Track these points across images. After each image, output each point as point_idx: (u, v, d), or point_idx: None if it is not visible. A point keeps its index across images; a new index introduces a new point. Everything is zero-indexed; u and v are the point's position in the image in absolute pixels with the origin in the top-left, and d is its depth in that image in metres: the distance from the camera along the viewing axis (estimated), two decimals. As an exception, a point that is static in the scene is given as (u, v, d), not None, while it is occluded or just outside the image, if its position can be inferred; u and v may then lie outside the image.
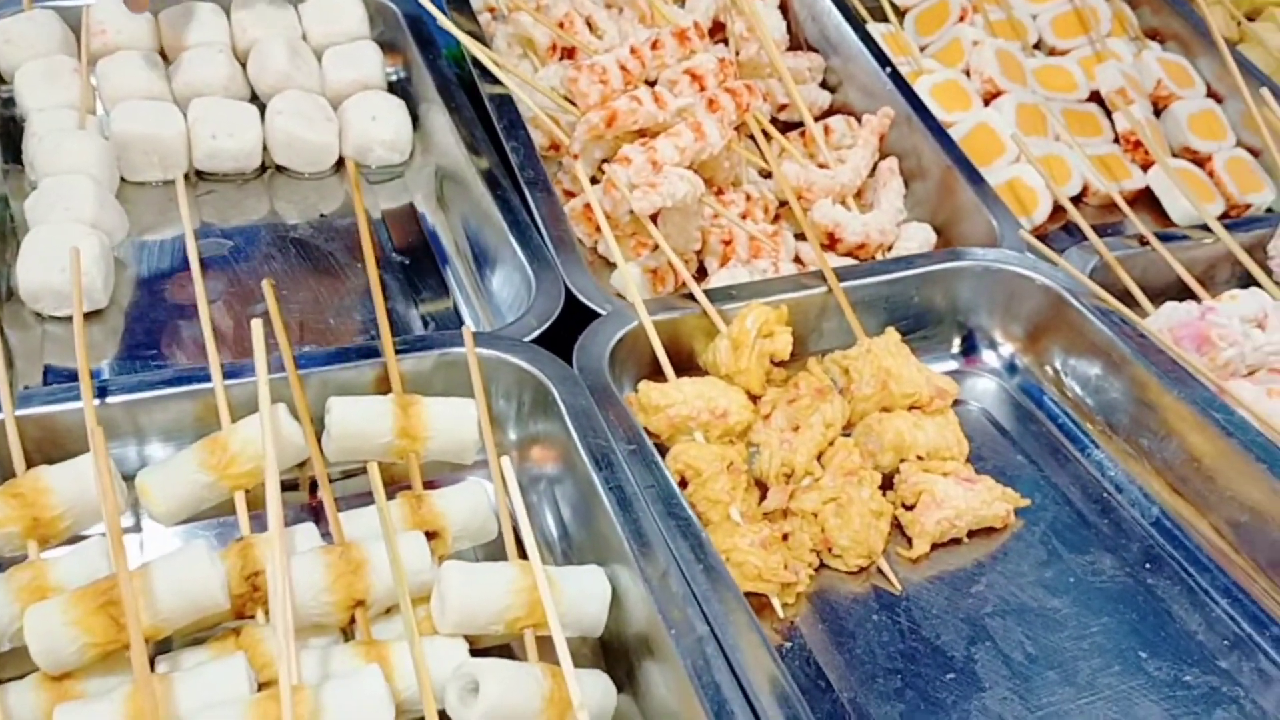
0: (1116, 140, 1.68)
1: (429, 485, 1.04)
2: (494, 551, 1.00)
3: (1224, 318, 1.22)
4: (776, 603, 1.01)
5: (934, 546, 1.09)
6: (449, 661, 0.86)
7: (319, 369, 1.05)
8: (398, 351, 1.07)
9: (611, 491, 0.96)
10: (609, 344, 1.14)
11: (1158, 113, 1.73)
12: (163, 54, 1.51)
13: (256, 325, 0.99)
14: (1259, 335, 1.25)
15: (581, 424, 1.03)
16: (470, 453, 1.03)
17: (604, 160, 1.36)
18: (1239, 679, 0.99)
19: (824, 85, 1.67)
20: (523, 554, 0.91)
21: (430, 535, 0.96)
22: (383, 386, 1.06)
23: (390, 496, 0.98)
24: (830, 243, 1.41)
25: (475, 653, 0.90)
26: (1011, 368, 1.31)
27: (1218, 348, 1.20)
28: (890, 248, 1.43)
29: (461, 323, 1.30)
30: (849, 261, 1.39)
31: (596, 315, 1.18)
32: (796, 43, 1.71)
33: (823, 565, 1.07)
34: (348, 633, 0.92)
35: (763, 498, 1.10)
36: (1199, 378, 1.16)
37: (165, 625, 0.86)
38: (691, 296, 1.20)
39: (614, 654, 0.94)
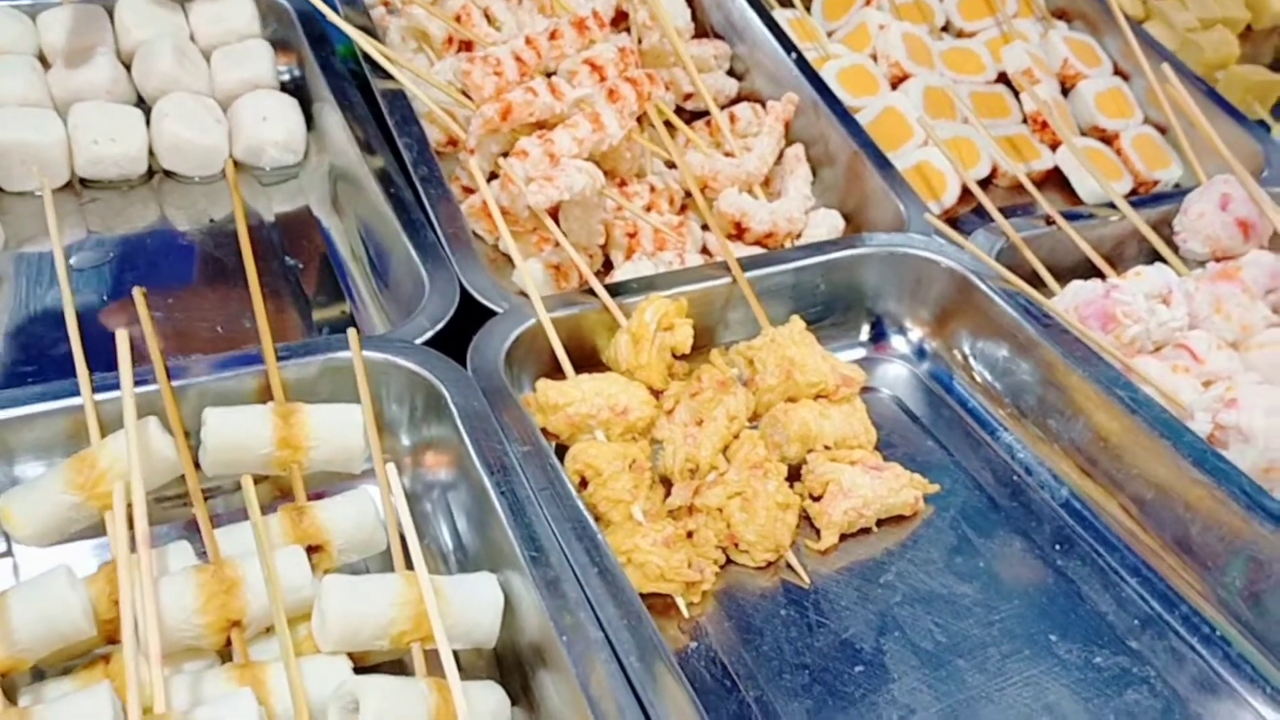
0: (1025, 121, 1.68)
1: (320, 496, 1.00)
2: (386, 563, 0.96)
3: (1128, 295, 1.21)
4: (681, 602, 0.98)
5: (843, 537, 1.07)
6: (331, 680, 0.82)
7: (196, 380, 1.01)
8: (280, 358, 1.03)
9: (504, 496, 0.93)
10: (505, 343, 1.10)
11: (1066, 92, 1.73)
12: (41, 58, 1.45)
13: (121, 336, 0.94)
14: (1164, 311, 1.24)
15: (474, 427, 0.99)
16: (357, 461, 0.99)
17: (503, 154, 1.33)
18: (1149, 659, 0.98)
19: (731, 73, 1.65)
20: (412, 565, 0.88)
21: (315, 549, 0.92)
22: (267, 396, 1.02)
23: (275, 510, 0.94)
24: (738, 232, 1.39)
25: (363, 670, 0.86)
26: (921, 353, 1.29)
27: (1123, 325, 1.20)
28: (799, 235, 1.41)
29: (357, 327, 1.25)
30: (757, 251, 1.37)
31: (495, 314, 1.14)
32: (702, 30, 1.68)
33: (730, 561, 1.04)
34: (226, 655, 0.87)
35: (668, 495, 1.07)
36: (1104, 356, 1.15)
37: (27, 655, 0.82)
38: (594, 291, 1.17)
39: (509, 665, 0.90)
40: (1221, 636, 1.00)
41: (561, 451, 1.07)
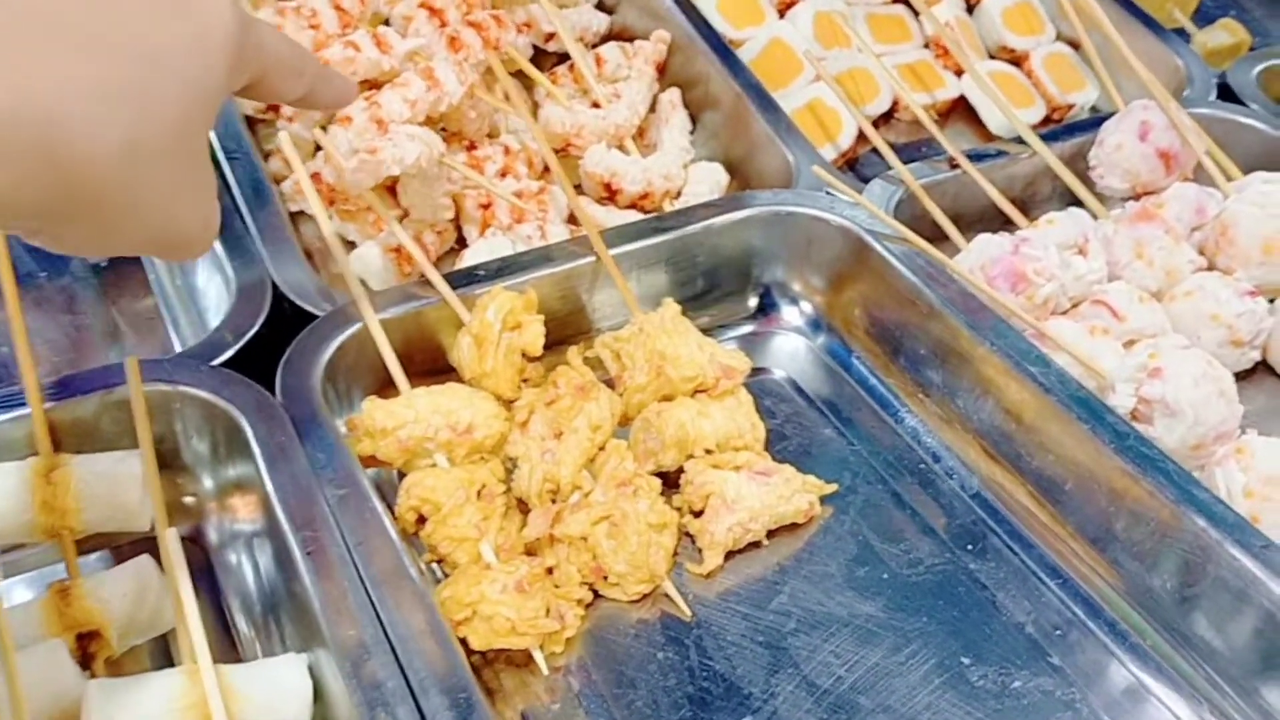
0: (928, 45, 1.53)
1: (120, 551, 0.85)
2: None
3: (1039, 249, 1.08)
4: (539, 656, 0.85)
5: (730, 554, 0.94)
6: (98, 811, 0.67)
7: (-60, 432, 0.84)
8: (49, 396, 0.86)
9: (309, 556, 0.78)
10: (324, 355, 0.94)
11: (971, 9, 1.58)
12: None
13: None
14: (1080, 263, 1.11)
15: (278, 470, 0.83)
16: (140, 519, 0.83)
17: (329, 120, 1.15)
18: (1072, 677, 0.87)
19: (601, 6, 1.47)
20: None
21: (90, 636, 0.77)
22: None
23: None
24: (609, 194, 1.23)
25: (151, 781, 0.71)
26: (816, 325, 1.15)
27: (1034, 285, 1.06)
28: (678, 194, 1.25)
29: (173, 342, 1.08)
30: (632, 216, 1.21)
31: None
32: (565, -41, 1.50)
33: (599, 596, 0.91)
34: (-20, 780, 0.72)
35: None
36: (1014, 323, 1.02)
37: None
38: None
39: (324, 763, 0.76)
40: (1152, 646, 0.89)
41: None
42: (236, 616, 0.87)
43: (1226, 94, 1.42)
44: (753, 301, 1.16)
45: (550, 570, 0.89)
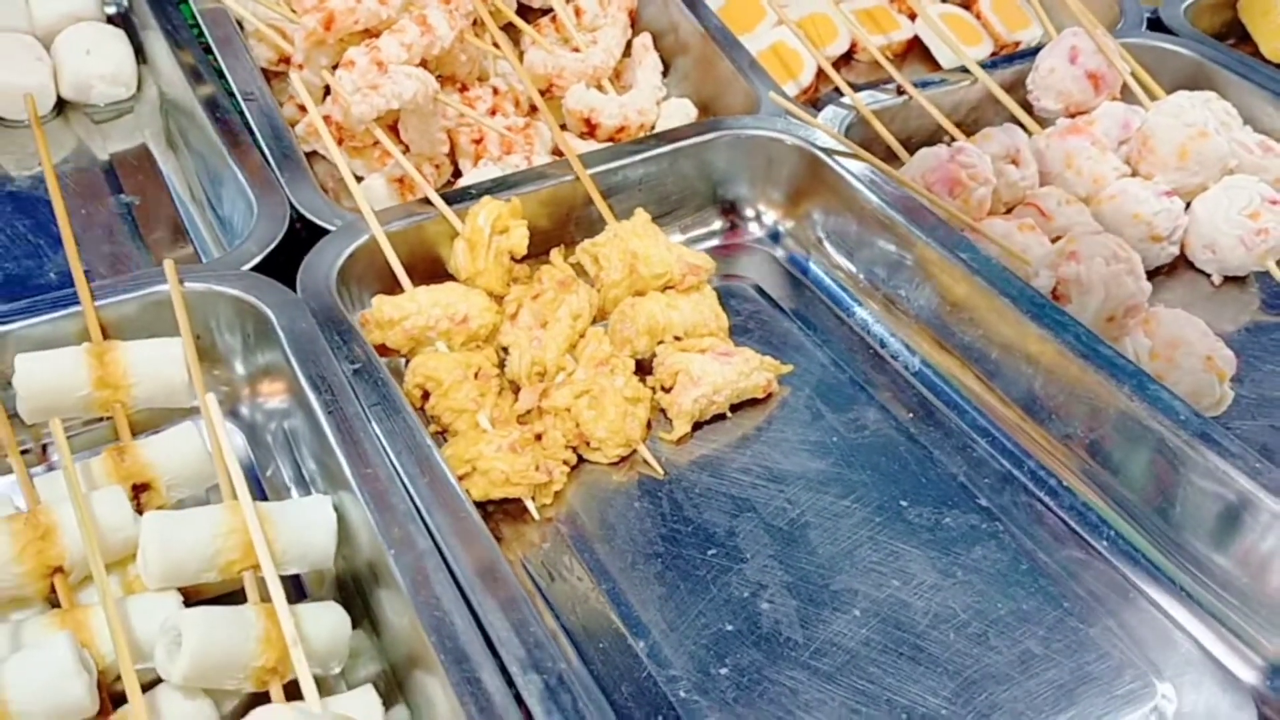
0: (884, -8, 1.65)
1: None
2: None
3: (973, 157, 1.20)
4: (532, 505, 0.97)
5: (698, 426, 1.07)
6: (159, 617, 0.80)
7: (7, 327, 0.97)
8: (96, 297, 0.99)
9: (331, 415, 0.91)
10: (337, 261, 1.07)
11: (926, -40, 1.70)
12: None
13: (-90, 287, 0.90)
14: (1012, 171, 1.23)
15: (301, 350, 0.96)
16: (183, 395, 0.96)
17: (333, 67, 1.28)
18: (998, 516, 0.99)
19: (580, -34, 1.59)
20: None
21: (143, 487, 0.90)
22: (90, 338, 0.98)
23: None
24: (590, 129, 1.36)
25: (202, 603, 0.84)
26: (776, 236, 1.28)
27: (969, 188, 1.19)
28: (652, 128, 1.38)
29: (201, 261, 1.21)
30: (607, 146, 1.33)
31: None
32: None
33: (584, 460, 1.03)
34: (58, 603, 0.85)
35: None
36: (950, 222, 1.15)
37: None
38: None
39: (350, 588, 0.89)
40: (1067, 488, 1.01)
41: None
42: (272, 484, 1.00)
43: (1158, 27, 1.54)
44: (719, 217, 1.29)
45: (539, 436, 1.02)
